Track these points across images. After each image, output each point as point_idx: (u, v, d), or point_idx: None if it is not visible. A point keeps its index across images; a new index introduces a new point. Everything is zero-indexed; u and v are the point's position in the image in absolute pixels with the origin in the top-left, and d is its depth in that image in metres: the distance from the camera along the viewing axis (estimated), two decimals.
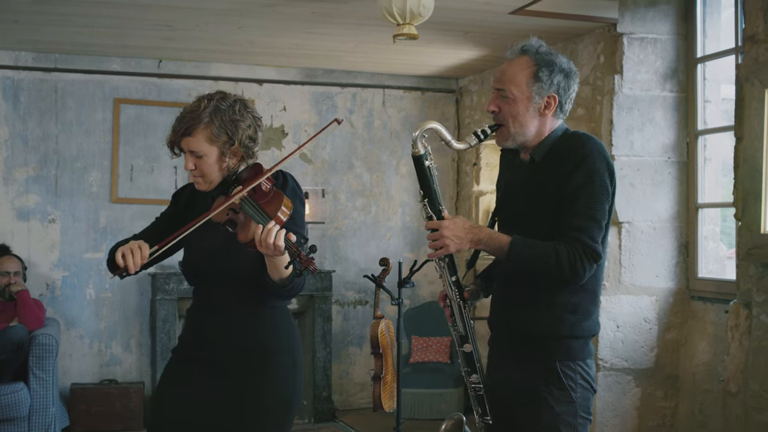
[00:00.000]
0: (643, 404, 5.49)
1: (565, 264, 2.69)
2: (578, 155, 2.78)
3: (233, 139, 2.91)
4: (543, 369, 2.82)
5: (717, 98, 5.51)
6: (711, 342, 5.21)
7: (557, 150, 2.87)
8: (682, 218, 5.54)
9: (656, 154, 5.51)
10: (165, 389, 3.04)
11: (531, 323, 2.85)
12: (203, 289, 3.03)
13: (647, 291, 5.46)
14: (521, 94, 2.85)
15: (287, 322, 3.07)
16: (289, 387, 2.99)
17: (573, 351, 2.83)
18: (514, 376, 2.88)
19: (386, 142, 7.79)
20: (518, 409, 2.87)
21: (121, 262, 2.80)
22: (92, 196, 6.97)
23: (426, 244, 7.52)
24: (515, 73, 2.86)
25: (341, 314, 7.64)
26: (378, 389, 5.03)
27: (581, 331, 2.85)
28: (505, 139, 2.91)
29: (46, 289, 6.86)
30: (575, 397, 2.82)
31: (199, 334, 3.01)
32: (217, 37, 6.25)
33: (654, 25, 5.49)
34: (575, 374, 2.82)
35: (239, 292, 2.93)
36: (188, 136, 2.89)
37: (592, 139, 2.85)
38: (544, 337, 2.83)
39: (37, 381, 5.80)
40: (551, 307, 2.82)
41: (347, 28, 5.93)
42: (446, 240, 2.79)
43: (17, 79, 6.81)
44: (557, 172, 2.79)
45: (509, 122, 2.87)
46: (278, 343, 2.99)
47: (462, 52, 6.74)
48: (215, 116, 2.89)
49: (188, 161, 2.92)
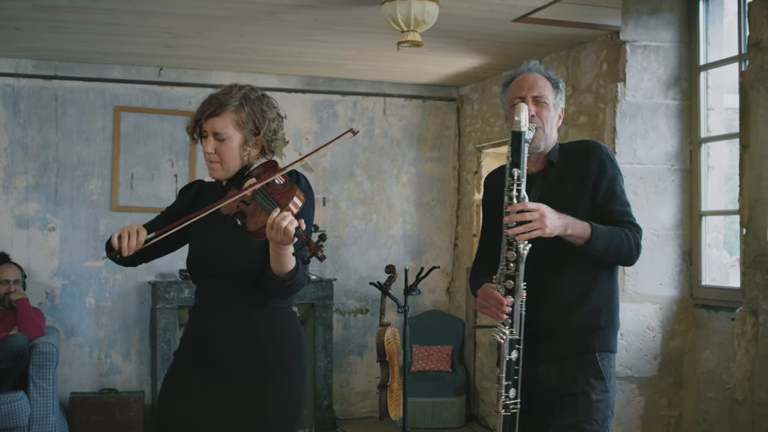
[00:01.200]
0: (647, 413, 5.46)
1: (633, 245, 2.99)
2: (598, 155, 3.10)
3: (259, 129, 2.92)
4: (581, 361, 2.97)
5: (720, 106, 5.49)
6: (715, 350, 5.19)
7: (569, 154, 3.14)
8: (685, 226, 5.51)
9: (659, 162, 5.50)
10: (168, 394, 3.00)
11: (573, 314, 3.00)
12: (207, 286, 2.99)
13: (651, 299, 5.44)
14: (551, 101, 3.10)
15: (293, 325, 3.04)
16: (296, 391, 2.95)
17: (609, 342, 3.04)
18: (549, 371, 3.01)
19: (387, 151, 7.78)
20: (554, 403, 2.98)
21: (116, 243, 2.80)
22: (92, 204, 6.94)
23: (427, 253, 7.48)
24: (544, 84, 3.11)
25: (342, 323, 7.61)
26: (384, 397, 5.01)
27: (615, 323, 3.07)
28: (539, 141, 3.06)
29: (46, 298, 6.82)
30: (609, 386, 2.98)
31: (202, 335, 2.96)
32: (219, 44, 6.23)
33: (657, 33, 5.47)
34: (610, 365, 3.02)
35: (244, 289, 2.89)
36: (215, 117, 2.88)
37: (598, 142, 3.22)
38: (584, 330, 2.99)
39: (38, 390, 5.76)
40: (592, 297, 3.01)
41: (350, 36, 5.92)
42: (546, 220, 2.83)
43: (17, 86, 6.78)
44: (585, 170, 3.06)
45: (546, 125, 3.08)
46: (284, 347, 2.96)
47: (464, 60, 6.73)
48: (245, 103, 2.91)
49: (208, 144, 2.90)
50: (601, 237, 2.91)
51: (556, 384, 3.00)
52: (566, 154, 3.14)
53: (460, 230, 7.91)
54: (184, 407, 2.91)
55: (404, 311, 5.02)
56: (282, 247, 2.69)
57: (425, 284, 7.62)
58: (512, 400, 2.89)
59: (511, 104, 3.10)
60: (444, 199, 7.98)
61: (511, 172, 2.89)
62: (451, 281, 8.00)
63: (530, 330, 2.95)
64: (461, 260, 7.83)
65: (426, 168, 7.92)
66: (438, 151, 7.97)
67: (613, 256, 2.99)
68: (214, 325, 2.93)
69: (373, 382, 7.20)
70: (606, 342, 3.02)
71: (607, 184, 3.05)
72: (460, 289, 7.81)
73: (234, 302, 2.92)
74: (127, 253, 2.80)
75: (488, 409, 7.18)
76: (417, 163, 7.89)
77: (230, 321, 2.92)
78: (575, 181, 3.06)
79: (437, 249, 7.94)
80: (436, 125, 7.94)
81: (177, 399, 2.95)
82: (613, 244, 2.94)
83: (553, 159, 3.11)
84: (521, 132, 2.91)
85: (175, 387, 2.99)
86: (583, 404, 2.93)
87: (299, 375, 2.97)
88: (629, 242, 2.97)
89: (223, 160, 2.91)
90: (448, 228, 8.00)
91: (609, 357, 3.03)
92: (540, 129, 3.04)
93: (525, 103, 3.01)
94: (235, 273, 2.90)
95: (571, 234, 2.90)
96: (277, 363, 2.92)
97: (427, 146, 7.92)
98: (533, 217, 2.82)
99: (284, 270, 2.76)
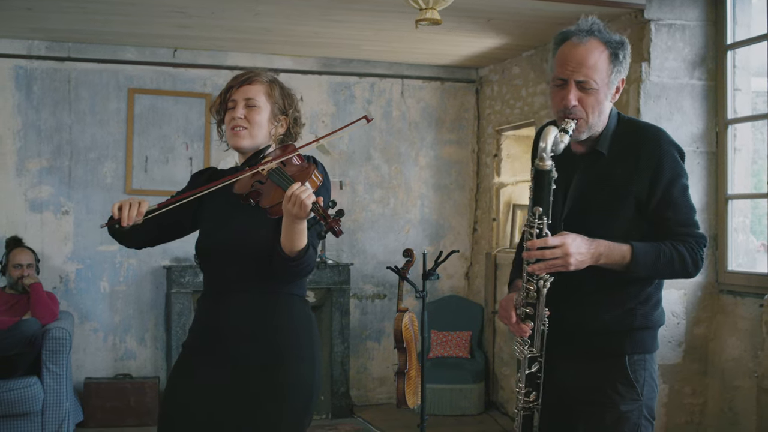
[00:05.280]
0: (670, 401, 5.35)
1: (689, 264, 2.63)
2: (657, 151, 2.66)
3: (286, 109, 2.95)
4: (609, 364, 2.67)
5: (747, 87, 5.36)
6: (741, 337, 5.07)
7: (623, 141, 2.71)
8: (711, 210, 5.39)
9: (684, 144, 5.31)
10: (176, 386, 2.91)
11: (598, 317, 2.69)
12: (217, 271, 2.90)
13: (675, 284, 5.30)
14: (603, 82, 2.65)
15: (304, 313, 2.94)
16: (307, 380, 2.86)
17: (645, 343, 2.71)
18: (574, 374, 2.72)
19: (405, 133, 7.66)
20: (578, 409, 2.70)
21: (116, 213, 2.76)
22: (106, 188, 6.87)
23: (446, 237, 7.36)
24: (596, 60, 2.63)
25: (359, 308, 7.52)
26: (402, 385, 4.89)
27: (653, 321, 2.72)
28: (581, 132, 2.68)
29: (60, 282, 6.76)
30: (641, 394, 2.68)
31: (212, 324, 2.88)
32: (234, 24, 6.13)
33: (682, 11, 5.34)
34: (643, 369, 2.69)
35: (255, 275, 2.81)
36: (249, 84, 2.92)
37: (661, 132, 2.73)
38: (612, 331, 2.68)
39: (51, 375, 5.70)
40: (623, 299, 2.69)
41: (367, 15, 5.80)
42: (570, 258, 2.53)
43: (30, 68, 6.71)
44: (636, 167, 2.66)
45: (590, 115, 2.66)
46: (295, 335, 2.87)
47: (483, 41, 6.60)
48: (275, 83, 2.98)
49: (238, 109, 2.89)
50: (644, 263, 2.59)
51: (579, 387, 2.70)
52: (620, 142, 2.71)
53: (479, 214, 7.79)
54: (192, 396, 2.83)
55: (422, 296, 4.89)
56: (296, 222, 2.62)
57: (444, 269, 7.52)
58: (532, 403, 2.72)
59: (554, 83, 2.69)
60: (463, 182, 7.85)
61: (533, 210, 2.58)
62: (470, 266, 7.88)
63: (554, 329, 2.71)
64: (480, 245, 7.71)
65: (444, 151, 7.79)
66: (457, 134, 7.83)
67: (661, 278, 2.69)
68: (224, 313, 2.85)
69: (391, 368, 7.09)
70: (641, 342, 2.69)
71: (664, 187, 2.64)
72: (479, 274, 7.70)
73: (244, 288, 2.84)
74: (126, 222, 2.75)
75: (507, 396, 7.08)
76: (435, 146, 7.76)
77: (240, 308, 2.83)
78: (623, 179, 2.67)
79: (456, 233, 7.82)
80: (455, 107, 7.81)
81: (186, 389, 2.86)
82: (659, 267, 2.61)
83: (603, 149, 2.71)
84: (546, 171, 2.56)
85: (184, 377, 2.90)
86: (611, 416, 2.65)
87: (309, 363, 2.88)
88: (683, 262, 2.61)
89: (252, 125, 2.89)
90: (467, 212, 7.88)
91: (644, 359, 2.69)
92: (582, 120, 2.64)
93: (568, 86, 2.62)
94: (246, 258, 2.82)
95: (605, 263, 2.59)
96: (288, 351, 2.84)
97: (445, 129, 7.79)
98: (555, 254, 2.53)
99: (295, 248, 2.68)
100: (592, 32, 2.67)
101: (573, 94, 2.63)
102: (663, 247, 2.61)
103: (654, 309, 2.74)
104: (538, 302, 2.63)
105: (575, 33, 2.67)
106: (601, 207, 2.70)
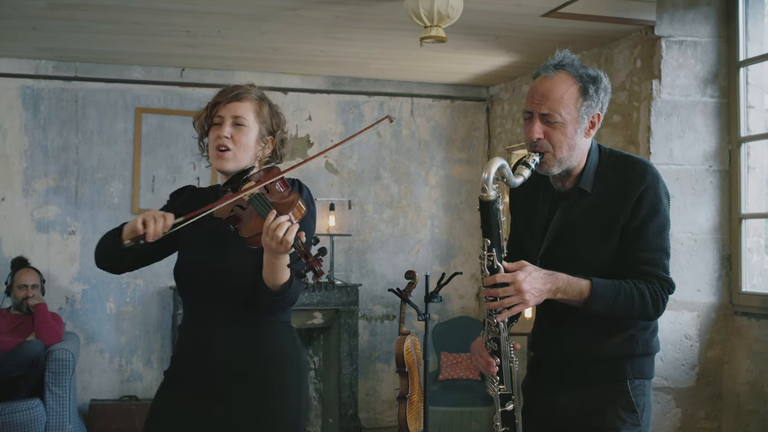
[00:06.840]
0: (684, 425, 5.23)
1: (649, 304, 2.54)
2: (639, 187, 2.58)
3: (274, 130, 2.83)
4: (610, 390, 2.63)
5: (760, 104, 5.26)
6: (756, 360, 4.95)
7: (606, 177, 2.64)
8: (724, 230, 5.28)
9: (697, 163, 5.27)
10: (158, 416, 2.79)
11: (600, 343, 2.64)
12: (197, 299, 2.77)
13: (688, 306, 5.20)
14: (569, 116, 2.57)
15: (290, 339, 2.83)
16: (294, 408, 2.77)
17: (644, 369, 2.68)
18: (572, 401, 2.66)
19: (414, 153, 7.59)
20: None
21: (141, 228, 2.55)
22: (113, 208, 6.84)
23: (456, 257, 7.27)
24: (561, 93, 2.56)
25: (368, 329, 7.42)
26: (404, 410, 4.79)
27: (651, 348, 2.71)
28: (550, 167, 2.60)
29: (66, 303, 6.72)
30: (641, 419, 2.64)
31: (194, 354, 2.75)
32: (240, 43, 6.10)
33: (694, 28, 5.26)
34: (643, 395, 2.66)
35: (237, 302, 2.68)
36: (237, 102, 2.77)
37: (647, 166, 2.64)
38: (614, 357, 2.63)
39: (54, 398, 5.64)
40: (625, 326, 2.64)
41: (373, 33, 5.75)
42: (525, 295, 2.46)
43: (37, 88, 6.69)
44: (616, 205, 2.59)
45: (557, 149, 2.58)
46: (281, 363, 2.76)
47: (493, 59, 6.53)
48: (264, 101, 2.84)
49: (225, 127, 2.74)
50: (603, 299, 2.51)
51: (577, 414, 2.64)
52: (604, 178, 2.64)
53: None
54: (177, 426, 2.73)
55: (425, 319, 4.78)
56: (276, 257, 2.50)
57: (455, 290, 7.43)
58: None
59: (524, 117, 2.65)
60: (473, 202, 7.75)
61: (483, 241, 2.52)
62: (480, 287, 7.78)
63: (553, 354, 2.70)
64: None
65: (455, 170, 7.71)
66: (467, 153, 7.75)
67: (620, 316, 2.58)
68: (209, 341, 2.72)
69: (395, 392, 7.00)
70: (640, 368, 2.65)
71: (638, 224, 2.57)
72: None
73: (230, 316, 2.71)
74: (152, 238, 2.57)
75: None
76: (445, 165, 7.68)
77: (226, 336, 2.71)
78: (609, 217, 2.60)
79: (466, 254, 7.73)
80: (465, 126, 7.74)
81: (170, 418, 2.75)
82: (618, 305, 2.52)
83: (586, 187, 2.63)
84: (489, 202, 2.50)
85: (168, 407, 2.79)
86: None
87: (297, 389, 2.78)
88: (643, 302, 2.53)
89: (238, 146, 2.74)
90: (478, 232, 7.75)
91: (643, 384, 2.65)
92: (548, 154, 2.57)
93: (533, 119, 2.58)
94: (232, 287, 2.69)
95: (562, 298, 2.53)
96: (276, 378, 2.73)
97: (455, 148, 7.71)
98: (508, 292, 2.46)
99: (277, 282, 2.56)
100: (563, 66, 2.62)
101: (537, 127, 2.58)
102: (624, 285, 2.54)
103: (653, 336, 2.72)
104: (499, 338, 2.57)
105: (546, 67, 2.64)
106: (578, 245, 2.64)
